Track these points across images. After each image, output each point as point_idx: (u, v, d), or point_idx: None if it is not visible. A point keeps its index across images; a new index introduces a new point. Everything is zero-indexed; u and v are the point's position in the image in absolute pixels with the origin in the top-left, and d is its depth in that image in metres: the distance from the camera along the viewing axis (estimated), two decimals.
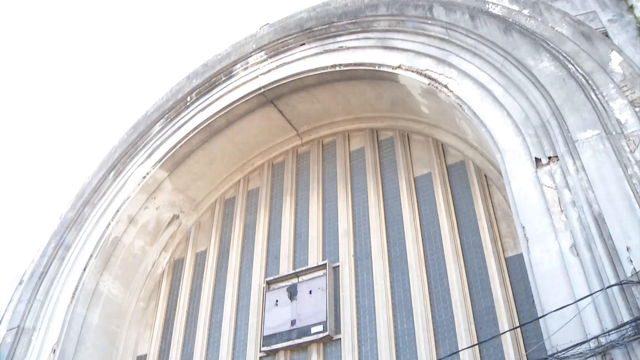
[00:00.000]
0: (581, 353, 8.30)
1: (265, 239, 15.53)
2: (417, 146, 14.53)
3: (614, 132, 9.27)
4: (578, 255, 8.76)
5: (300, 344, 13.28)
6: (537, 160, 9.88)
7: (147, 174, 15.97)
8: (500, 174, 11.62)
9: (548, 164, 9.71)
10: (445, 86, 12.14)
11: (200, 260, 16.50)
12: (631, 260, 8.05)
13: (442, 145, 14.07)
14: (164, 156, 16.03)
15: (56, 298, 14.77)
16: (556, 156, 9.70)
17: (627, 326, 7.85)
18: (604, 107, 9.62)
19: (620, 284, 8.06)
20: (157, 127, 16.54)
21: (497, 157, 10.69)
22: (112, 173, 16.37)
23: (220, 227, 16.70)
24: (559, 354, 8.57)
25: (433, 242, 12.84)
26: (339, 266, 13.83)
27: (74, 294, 14.71)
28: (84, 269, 15.03)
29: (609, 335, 8.05)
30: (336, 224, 14.51)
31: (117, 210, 15.76)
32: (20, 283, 15.19)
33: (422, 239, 13.00)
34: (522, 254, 10.07)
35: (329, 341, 13.05)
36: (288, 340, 13.41)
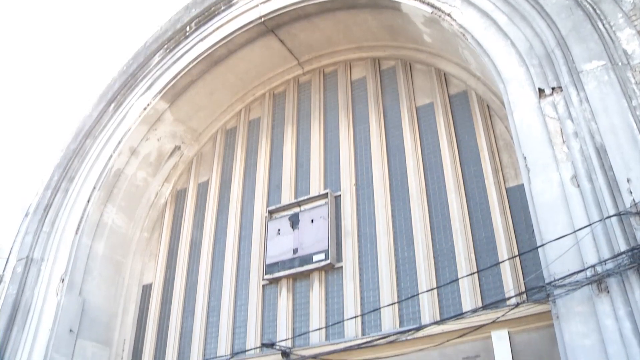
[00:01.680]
0: (577, 281, 8.49)
1: (267, 169, 15.61)
2: (419, 76, 14.38)
3: (619, 63, 9.15)
4: (578, 186, 8.82)
5: (302, 272, 13.53)
6: (541, 90, 9.80)
7: (148, 105, 15.87)
8: (502, 105, 11.55)
9: (551, 94, 9.63)
10: (449, 15, 11.90)
11: (202, 190, 16.63)
12: (631, 192, 8.11)
13: (444, 74, 13.91)
14: (164, 87, 15.89)
15: (62, 229, 14.99)
16: (560, 87, 9.62)
17: (624, 255, 8.00)
18: (610, 38, 9.46)
19: (619, 214, 8.15)
20: (156, 58, 16.33)
21: (499, 87, 10.60)
22: (113, 105, 16.26)
23: (222, 157, 16.74)
24: (556, 282, 8.76)
25: (434, 171, 12.90)
26: (340, 195, 13.96)
27: (79, 225, 14.92)
28: (88, 201, 15.18)
29: (605, 264, 8.21)
30: (338, 153, 14.55)
31: (119, 142, 15.76)
32: (26, 215, 15.36)
33: (424, 169, 13.06)
34: (522, 184, 10.17)
35: (331, 269, 13.30)
36: (290, 268, 13.66)
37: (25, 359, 13.40)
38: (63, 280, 14.22)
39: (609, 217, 8.23)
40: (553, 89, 9.66)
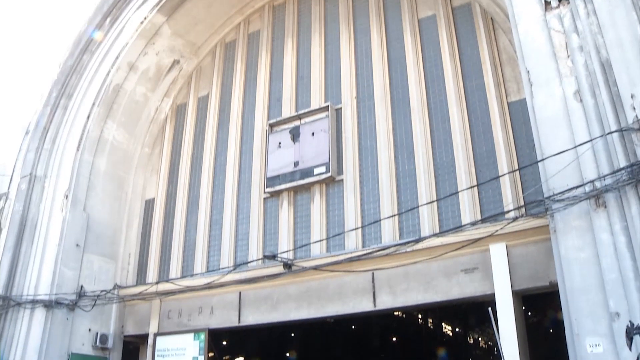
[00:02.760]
0: (576, 196, 8.57)
1: (267, 82, 15.43)
2: None
3: None
4: (581, 101, 8.75)
5: (303, 185, 13.66)
6: (547, 3, 9.51)
7: (145, 18, 15.45)
8: (507, 17, 11.21)
9: (558, 7, 9.37)
10: None
11: (202, 104, 16.52)
12: (634, 108, 8.03)
13: None
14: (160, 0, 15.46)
15: (63, 146, 15.01)
16: None
17: (623, 171, 8.03)
18: None
19: (620, 130, 8.12)
20: None
21: None
22: (109, 19, 15.81)
23: (222, 71, 16.50)
24: (555, 196, 8.85)
25: (436, 85, 12.75)
26: (341, 108, 13.88)
27: (79, 142, 14.92)
28: (88, 117, 15.10)
29: (604, 180, 8.26)
30: (338, 66, 14.33)
31: (117, 57, 15.49)
32: (26, 133, 15.31)
33: (425, 82, 12.90)
34: (525, 98, 10.06)
35: (332, 182, 13.42)
36: (291, 181, 13.78)
37: (36, 272, 13.77)
38: (67, 196, 14.37)
39: (611, 132, 8.19)
40: (560, 1, 9.38)
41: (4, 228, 14.30)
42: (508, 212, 10.45)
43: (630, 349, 5.59)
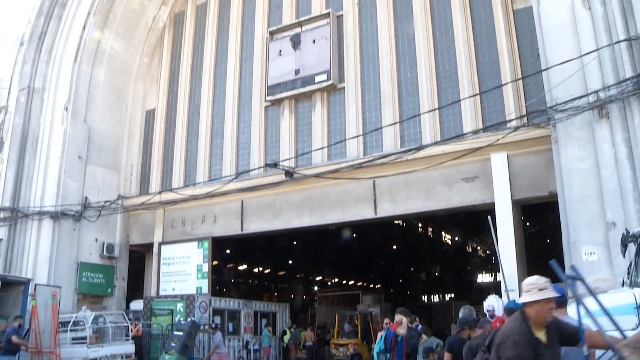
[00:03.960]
0: (579, 107, 8.53)
1: None
2: None
3: None
4: (590, 9, 8.51)
5: (304, 93, 13.58)
6: None
7: None
8: None
9: None
10: None
11: (201, 12, 16.08)
12: None
13: None
14: None
15: (60, 58, 14.72)
16: None
17: (629, 82, 7.94)
18: None
19: (629, 39, 7.94)
20: None
21: None
22: None
23: None
24: (558, 106, 8.80)
25: None
26: (342, 15, 13.56)
27: (77, 52, 14.61)
28: (84, 27, 14.69)
29: (609, 90, 8.19)
30: None
31: None
32: (21, 44, 14.95)
33: None
34: (531, 6, 9.78)
35: (333, 90, 13.32)
36: (292, 89, 13.68)
37: (41, 184, 13.92)
38: (67, 108, 14.25)
39: (619, 42, 8.03)
40: None
41: (6, 141, 14.32)
42: (510, 121, 10.42)
43: (623, 256, 5.74)
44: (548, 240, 17.45)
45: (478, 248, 31.88)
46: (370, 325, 15.13)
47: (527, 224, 15.69)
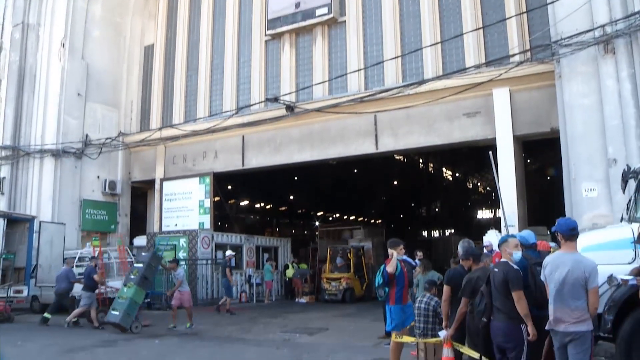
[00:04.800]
0: (584, 41, 8.38)
1: None
2: None
3: None
4: None
5: (305, 27, 13.36)
6: None
7: None
8: None
9: None
10: None
11: None
12: None
13: None
14: None
15: None
16: None
17: (637, 15, 7.78)
18: None
19: None
20: None
21: None
22: None
23: None
24: (563, 41, 8.65)
25: None
26: None
27: None
28: None
29: (616, 24, 8.03)
30: None
31: None
32: None
33: None
34: None
35: (334, 23, 13.11)
36: (293, 23, 13.45)
37: (41, 122, 13.86)
38: (63, 44, 14.02)
39: None
40: None
41: (3, 79, 14.17)
42: (513, 55, 10.27)
43: (623, 192, 5.73)
44: (548, 178, 17.50)
45: (478, 184, 31.99)
46: (362, 260, 15.26)
47: (528, 160, 15.69)
